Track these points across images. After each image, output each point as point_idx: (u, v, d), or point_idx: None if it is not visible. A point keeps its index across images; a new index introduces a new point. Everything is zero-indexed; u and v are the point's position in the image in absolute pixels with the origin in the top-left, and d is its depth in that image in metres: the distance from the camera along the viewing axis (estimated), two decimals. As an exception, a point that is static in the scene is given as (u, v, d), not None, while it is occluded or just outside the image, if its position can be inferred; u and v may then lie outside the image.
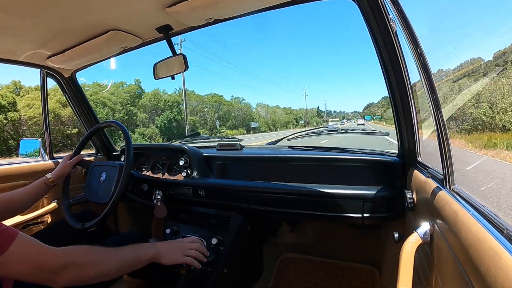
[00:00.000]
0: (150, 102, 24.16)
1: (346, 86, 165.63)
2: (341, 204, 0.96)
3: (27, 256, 0.61)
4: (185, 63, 1.04)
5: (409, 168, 0.89)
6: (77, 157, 1.15)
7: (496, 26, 9.47)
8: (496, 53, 2.06)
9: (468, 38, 10.33)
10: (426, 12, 2.99)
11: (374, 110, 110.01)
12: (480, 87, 2.07)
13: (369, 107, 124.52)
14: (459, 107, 1.08)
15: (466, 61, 1.99)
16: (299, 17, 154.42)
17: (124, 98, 22.30)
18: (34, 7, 0.79)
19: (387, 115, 53.73)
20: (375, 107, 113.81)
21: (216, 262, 1.10)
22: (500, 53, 2.00)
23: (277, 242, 1.57)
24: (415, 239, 0.58)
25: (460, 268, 0.41)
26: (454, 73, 1.76)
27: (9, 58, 1.17)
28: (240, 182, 1.17)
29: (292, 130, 32.21)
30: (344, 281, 1.40)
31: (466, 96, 1.54)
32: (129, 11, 0.87)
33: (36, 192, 1.03)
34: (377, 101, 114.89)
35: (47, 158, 1.44)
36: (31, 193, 1.01)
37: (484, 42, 8.49)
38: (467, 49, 5.28)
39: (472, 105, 3.10)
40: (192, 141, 1.60)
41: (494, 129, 2.85)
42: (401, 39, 0.75)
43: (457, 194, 0.52)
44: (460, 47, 4.41)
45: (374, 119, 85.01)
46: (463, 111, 3.14)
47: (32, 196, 1.01)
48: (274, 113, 45.38)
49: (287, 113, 52.39)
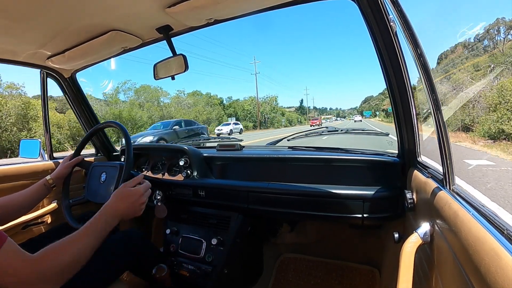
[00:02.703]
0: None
1: (343, 82, 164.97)
2: (341, 204, 0.96)
3: (13, 265, 0.58)
4: (185, 64, 1.04)
5: (409, 168, 0.89)
6: (76, 158, 1.15)
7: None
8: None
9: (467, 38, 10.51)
10: (426, 12, 3.01)
11: (375, 104, 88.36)
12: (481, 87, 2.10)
13: (368, 100, 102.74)
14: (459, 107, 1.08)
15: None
16: (299, 17, 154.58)
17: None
18: (34, 8, 0.79)
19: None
20: (376, 100, 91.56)
21: (216, 262, 1.10)
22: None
23: (277, 242, 1.57)
24: (415, 239, 0.58)
25: (460, 268, 0.41)
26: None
27: (9, 58, 1.17)
28: (240, 182, 1.17)
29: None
30: (344, 281, 1.40)
31: (465, 96, 1.54)
32: (129, 11, 0.87)
33: (37, 194, 1.02)
34: (378, 93, 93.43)
35: (47, 158, 1.44)
36: (32, 195, 1.01)
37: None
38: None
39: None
40: (192, 142, 1.60)
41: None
42: (401, 39, 0.75)
43: (457, 194, 0.53)
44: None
45: (377, 115, 68.75)
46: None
47: (33, 198, 1.01)
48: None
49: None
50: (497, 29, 23.53)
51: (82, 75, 9.13)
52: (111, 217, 0.80)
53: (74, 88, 1.48)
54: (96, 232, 0.76)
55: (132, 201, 0.85)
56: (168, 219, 1.28)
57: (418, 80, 0.66)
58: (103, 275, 0.92)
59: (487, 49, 22.84)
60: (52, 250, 0.66)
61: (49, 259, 0.64)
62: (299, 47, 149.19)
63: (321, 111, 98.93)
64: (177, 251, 1.19)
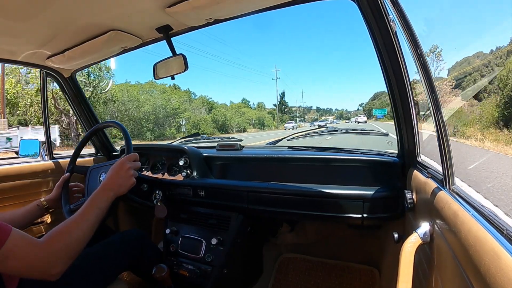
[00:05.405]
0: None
1: (348, 83, 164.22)
2: (341, 204, 0.96)
3: (21, 252, 0.62)
4: (185, 64, 1.04)
5: (409, 168, 0.89)
6: (63, 178, 1.11)
7: (495, 23, 9.45)
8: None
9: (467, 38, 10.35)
10: (426, 12, 3.00)
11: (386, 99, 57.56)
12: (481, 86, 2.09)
13: (379, 96, 77.19)
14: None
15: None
16: (298, 17, 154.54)
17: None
18: (34, 8, 0.79)
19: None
20: (387, 95, 69.14)
21: (216, 262, 1.10)
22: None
23: (277, 243, 1.58)
24: (415, 240, 0.58)
25: (460, 268, 0.41)
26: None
27: (9, 58, 1.18)
28: (240, 182, 1.17)
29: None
30: (344, 281, 1.40)
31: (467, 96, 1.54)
32: (129, 11, 0.87)
33: (29, 214, 1.01)
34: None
35: (47, 158, 1.44)
36: (24, 215, 0.99)
37: (484, 39, 8.45)
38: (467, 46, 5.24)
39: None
40: (192, 142, 1.60)
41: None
42: (401, 39, 0.75)
43: (457, 195, 0.53)
44: (460, 45, 4.39)
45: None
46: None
47: (26, 218, 1.00)
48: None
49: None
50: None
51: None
52: (108, 191, 0.85)
53: (74, 87, 1.48)
54: (97, 209, 0.80)
55: (122, 173, 0.89)
56: (168, 219, 1.28)
57: (418, 80, 0.66)
58: (103, 275, 0.92)
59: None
60: (58, 232, 0.70)
61: (56, 241, 0.68)
62: (299, 48, 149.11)
63: (324, 111, 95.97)
64: (177, 251, 1.19)
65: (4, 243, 0.59)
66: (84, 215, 0.77)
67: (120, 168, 0.89)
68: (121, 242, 1.03)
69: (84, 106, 1.55)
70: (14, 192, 1.25)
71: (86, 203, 0.80)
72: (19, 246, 0.62)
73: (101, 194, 0.83)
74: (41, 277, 0.66)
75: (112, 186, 0.86)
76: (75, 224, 0.74)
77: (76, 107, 1.53)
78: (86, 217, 0.77)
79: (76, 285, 0.83)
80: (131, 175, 0.90)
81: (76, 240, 0.71)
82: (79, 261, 0.74)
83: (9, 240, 0.60)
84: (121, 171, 0.89)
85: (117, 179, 0.87)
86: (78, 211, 0.78)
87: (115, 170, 0.89)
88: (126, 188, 0.88)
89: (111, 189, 0.85)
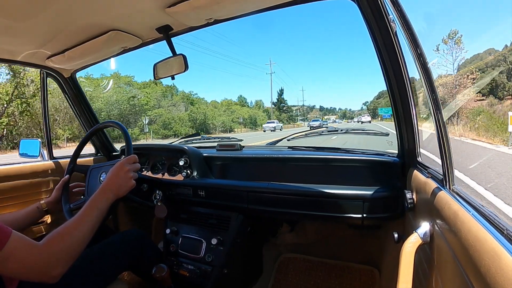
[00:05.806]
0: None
1: (351, 83, 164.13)
2: (341, 204, 0.96)
3: (22, 254, 0.62)
4: (185, 64, 1.04)
5: (409, 168, 0.89)
6: (62, 180, 1.11)
7: (495, 23, 9.41)
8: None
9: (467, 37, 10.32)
10: (426, 12, 3.00)
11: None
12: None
13: (385, 95, 64.35)
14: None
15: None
16: (298, 17, 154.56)
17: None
18: (34, 7, 0.79)
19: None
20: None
21: (216, 262, 1.10)
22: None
23: (277, 243, 1.57)
24: (415, 240, 0.58)
25: (460, 268, 0.41)
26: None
27: (9, 58, 1.17)
28: (240, 182, 1.17)
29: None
30: (344, 281, 1.40)
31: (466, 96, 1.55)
32: (129, 11, 0.87)
33: (29, 217, 1.02)
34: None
35: (47, 158, 1.44)
36: (23, 217, 1.00)
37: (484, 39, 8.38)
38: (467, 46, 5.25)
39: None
40: (192, 142, 1.60)
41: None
42: (401, 39, 0.75)
43: (457, 195, 0.53)
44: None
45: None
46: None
47: (25, 220, 1.00)
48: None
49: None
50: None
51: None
52: (107, 193, 0.85)
53: (74, 88, 1.48)
54: (97, 210, 0.80)
55: (121, 175, 0.89)
56: (168, 219, 1.28)
57: (418, 80, 0.66)
58: (103, 275, 0.92)
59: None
60: (57, 234, 0.70)
61: (56, 243, 0.68)
62: (300, 48, 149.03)
63: (328, 111, 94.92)
64: (177, 251, 1.19)
65: (5, 245, 0.59)
66: (84, 217, 0.77)
67: (119, 170, 0.89)
68: (121, 242, 1.03)
69: (84, 106, 1.54)
70: (14, 192, 1.25)
71: (86, 205, 0.80)
72: (19, 248, 0.62)
73: (100, 196, 0.84)
74: (41, 279, 0.66)
75: (111, 187, 0.86)
76: (74, 226, 0.74)
77: (76, 107, 1.53)
78: (86, 218, 0.77)
79: (76, 285, 0.83)
80: (131, 177, 0.90)
81: (76, 242, 0.72)
82: (79, 262, 0.74)
83: (9, 242, 0.60)
84: (121, 173, 0.89)
85: (116, 180, 0.88)
86: (78, 213, 0.79)
87: (115, 171, 0.89)
88: (125, 190, 0.88)
89: (110, 191, 0.85)
